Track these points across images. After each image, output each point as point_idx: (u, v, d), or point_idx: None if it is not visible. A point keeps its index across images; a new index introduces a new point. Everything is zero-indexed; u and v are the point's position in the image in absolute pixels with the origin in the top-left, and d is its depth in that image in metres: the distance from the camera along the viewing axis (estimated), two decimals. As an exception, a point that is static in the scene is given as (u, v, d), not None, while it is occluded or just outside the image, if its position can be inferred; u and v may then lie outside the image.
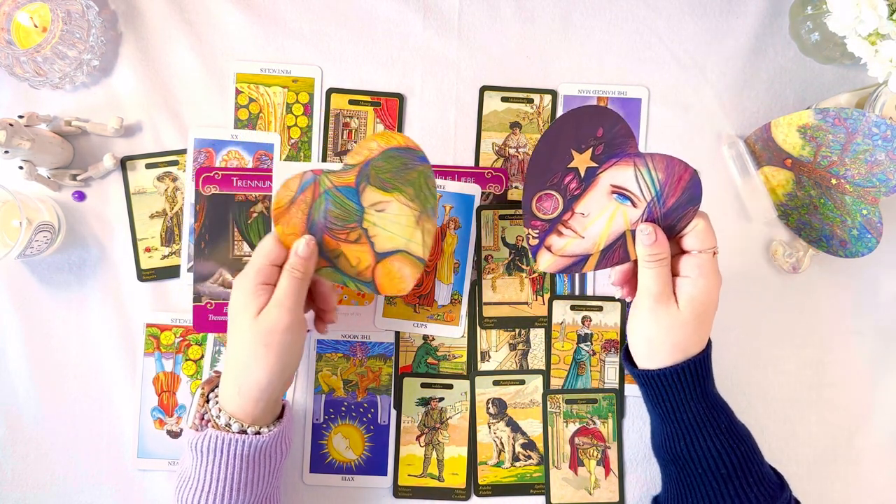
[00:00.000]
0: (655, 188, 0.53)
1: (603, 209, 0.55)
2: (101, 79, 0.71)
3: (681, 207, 0.54)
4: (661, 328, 0.53)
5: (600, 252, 0.56)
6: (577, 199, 0.55)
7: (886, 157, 0.60)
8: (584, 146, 0.53)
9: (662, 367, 0.54)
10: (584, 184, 0.54)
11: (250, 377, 0.53)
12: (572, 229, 0.56)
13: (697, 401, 0.54)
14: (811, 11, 0.68)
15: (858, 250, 0.67)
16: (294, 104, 0.71)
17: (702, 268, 0.53)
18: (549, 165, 0.54)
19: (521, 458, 0.69)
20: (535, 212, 0.56)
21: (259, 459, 0.55)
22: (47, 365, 0.69)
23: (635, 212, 0.54)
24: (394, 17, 0.72)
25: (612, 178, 0.54)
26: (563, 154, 0.54)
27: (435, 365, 0.70)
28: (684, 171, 0.53)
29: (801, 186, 0.68)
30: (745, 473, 0.54)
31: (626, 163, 0.54)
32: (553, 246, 0.56)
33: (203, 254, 0.69)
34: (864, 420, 0.70)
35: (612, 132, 0.53)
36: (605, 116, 0.53)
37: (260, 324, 0.53)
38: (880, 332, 0.71)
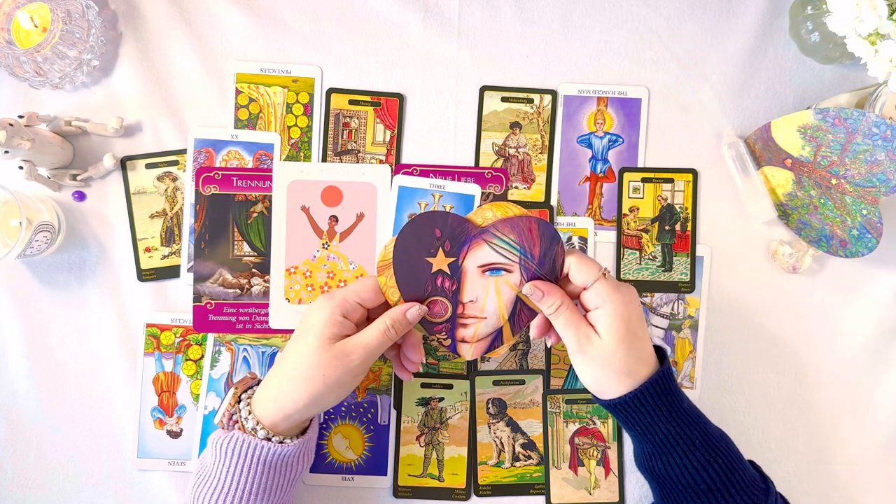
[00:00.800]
0: (516, 249, 0.56)
1: (486, 288, 0.57)
2: (101, 79, 0.71)
3: (549, 251, 0.55)
4: (596, 365, 0.54)
5: (507, 321, 0.58)
6: (459, 292, 0.57)
7: (886, 157, 0.60)
8: (433, 250, 0.56)
9: (619, 395, 0.54)
10: (455, 278, 0.57)
11: (293, 395, 0.53)
12: (472, 316, 0.58)
13: (667, 420, 0.54)
14: (811, 11, 0.68)
15: (858, 250, 0.67)
16: (294, 104, 0.71)
17: (601, 294, 0.54)
18: (418, 281, 0.57)
19: (521, 458, 0.69)
20: (431, 319, 0.58)
21: (280, 468, 0.55)
22: (47, 365, 0.69)
23: (513, 275, 0.56)
24: (394, 17, 0.72)
25: (475, 260, 0.56)
26: (421, 266, 0.56)
27: (435, 365, 0.70)
28: (529, 223, 0.55)
29: (801, 186, 0.68)
30: (727, 483, 0.54)
31: (478, 243, 0.56)
32: (466, 337, 0.58)
33: (203, 254, 0.69)
34: (864, 420, 0.70)
35: (447, 227, 0.56)
36: (433, 218, 0.56)
37: (330, 355, 0.53)
38: (880, 332, 0.71)
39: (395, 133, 0.71)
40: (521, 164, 0.71)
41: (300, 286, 0.69)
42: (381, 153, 0.71)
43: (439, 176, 0.71)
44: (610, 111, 0.72)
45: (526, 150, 0.71)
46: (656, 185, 0.71)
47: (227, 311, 0.69)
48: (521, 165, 0.71)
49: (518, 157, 0.71)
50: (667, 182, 0.71)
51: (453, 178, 0.71)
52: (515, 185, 0.71)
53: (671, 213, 0.71)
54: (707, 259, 0.71)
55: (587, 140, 0.72)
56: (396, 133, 0.71)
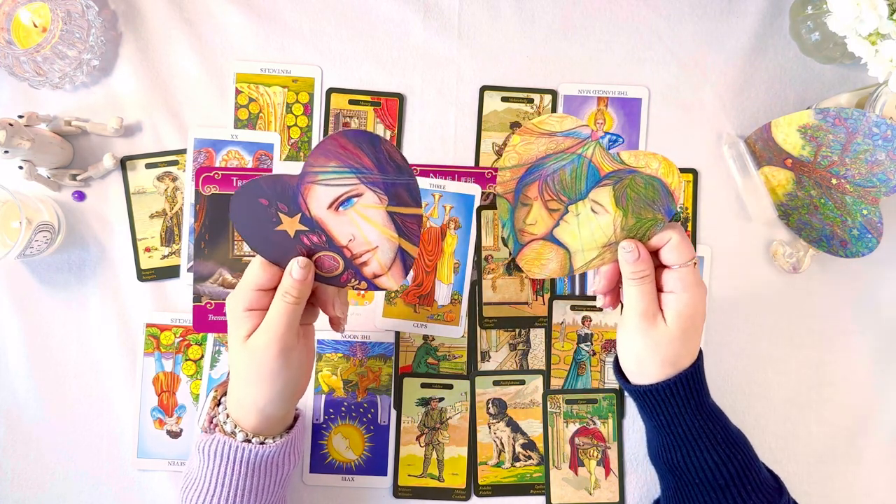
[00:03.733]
0: (346, 171, 0.51)
1: (353, 221, 0.52)
2: (101, 79, 0.71)
3: (379, 155, 0.51)
4: (649, 345, 0.53)
5: (399, 238, 0.53)
6: (332, 239, 0.52)
7: (887, 157, 0.60)
8: (275, 219, 0.52)
9: (654, 382, 0.54)
10: (317, 230, 0.52)
11: (249, 396, 0.53)
12: (363, 252, 0.53)
13: (692, 413, 0.54)
14: (811, 11, 0.68)
15: (859, 250, 0.67)
16: (294, 104, 0.71)
17: (684, 281, 0.52)
18: (286, 252, 0.52)
19: (522, 458, 0.69)
20: (329, 275, 0.54)
21: (264, 468, 0.54)
22: (47, 365, 0.69)
23: (366, 196, 0.52)
24: (394, 17, 0.72)
25: (319, 204, 0.52)
26: (279, 238, 0.52)
27: (435, 365, 0.70)
28: (335, 141, 0.50)
29: (801, 186, 0.68)
30: (743, 481, 0.54)
31: (307, 189, 0.51)
32: (375, 271, 0.54)
33: (203, 254, 0.69)
34: (865, 420, 0.70)
35: (267, 192, 0.51)
36: (248, 192, 0.51)
37: (249, 349, 0.51)
38: (880, 332, 0.71)
39: (395, 133, 0.71)
40: (521, 164, 0.71)
41: (300, 286, 0.69)
42: (381, 153, 0.71)
43: (439, 176, 0.71)
44: (610, 111, 0.72)
45: (526, 150, 0.71)
46: (656, 185, 0.71)
47: (227, 311, 0.69)
48: (522, 165, 0.71)
49: (518, 157, 0.71)
50: (667, 182, 0.71)
51: (453, 178, 0.71)
52: (515, 185, 0.71)
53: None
54: (707, 259, 0.71)
55: (587, 140, 0.72)
56: (396, 133, 0.71)
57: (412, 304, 0.70)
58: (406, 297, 0.70)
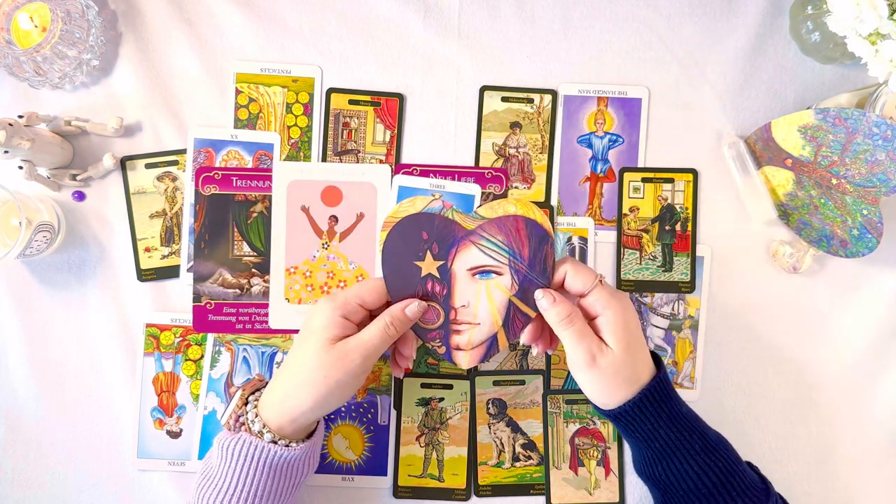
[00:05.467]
0: (505, 250, 0.54)
1: (477, 292, 0.55)
2: (101, 79, 0.71)
3: (539, 252, 0.54)
4: (606, 375, 0.53)
5: (502, 327, 0.56)
6: (450, 296, 0.56)
7: (887, 157, 0.60)
8: (422, 253, 0.55)
9: (621, 403, 0.54)
10: (445, 282, 0.55)
11: (297, 398, 0.53)
12: (465, 322, 0.56)
13: (667, 425, 0.54)
14: (811, 11, 0.68)
15: (859, 250, 0.67)
16: (294, 104, 0.71)
17: (601, 301, 0.53)
18: (407, 285, 0.55)
19: (522, 458, 0.69)
20: (425, 326, 0.57)
21: (285, 471, 0.55)
22: (47, 365, 0.69)
23: (504, 278, 0.55)
24: (394, 17, 0.72)
25: (464, 263, 0.55)
26: (410, 271, 0.55)
27: (435, 365, 0.70)
28: (516, 222, 0.54)
29: (801, 186, 0.68)
30: (728, 487, 0.54)
31: (466, 245, 0.55)
32: (460, 344, 0.57)
33: (203, 254, 0.69)
34: (864, 420, 0.70)
35: (433, 229, 0.55)
36: (419, 220, 0.55)
37: (331, 356, 0.53)
38: (880, 332, 0.71)
39: (395, 133, 0.71)
40: (521, 164, 0.71)
41: (300, 286, 0.69)
42: (381, 153, 0.71)
43: (439, 176, 0.71)
44: (610, 111, 0.72)
45: (526, 150, 0.71)
46: (656, 185, 0.71)
47: (227, 311, 0.69)
48: (522, 165, 0.71)
49: (518, 157, 0.71)
50: (667, 182, 0.71)
51: (453, 178, 0.71)
52: (515, 185, 0.71)
53: (671, 213, 0.71)
54: (707, 259, 0.71)
55: (587, 140, 0.72)
56: (396, 133, 0.71)
57: (412, 304, 0.70)
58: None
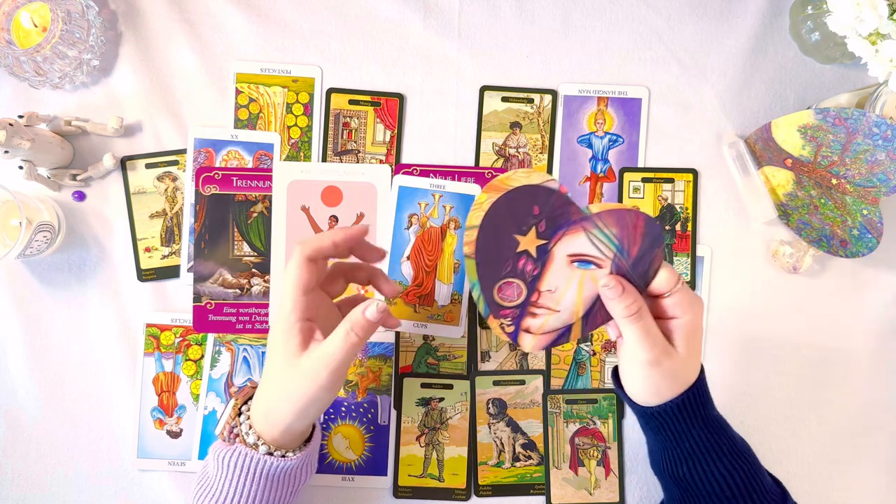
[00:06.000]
0: (614, 244, 0.51)
1: (569, 280, 0.52)
2: (101, 79, 0.71)
3: (647, 253, 0.50)
4: (666, 376, 0.51)
5: (581, 319, 0.53)
6: (539, 278, 0.52)
7: (887, 157, 0.60)
8: (526, 228, 0.51)
9: (664, 402, 0.52)
10: (539, 263, 0.51)
11: (279, 411, 0.52)
12: (545, 307, 0.52)
13: (699, 427, 0.53)
14: (811, 11, 0.68)
15: (859, 250, 0.67)
16: (294, 104, 0.71)
17: (682, 305, 0.51)
18: (498, 256, 0.51)
19: (522, 458, 0.69)
20: (501, 302, 0.52)
21: (283, 480, 0.54)
22: (47, 365, 0.69)
23: (602, 272, 0.51)
24: (394, 17, 0.72)
25: (566, 248, 0.51)
26: (507, 242, 0.51)
27: (435, 365, 0.70)
28: (636, 218, 0.50)
29: (801, 186, 0.68)
30: (749, 491, 0.53)
31: (575, 230, 0.51)
32: (531, 327, 0.53)
33: (203, 254, 0.69)
34: (865, 420, 0.70)
35: (548, 206, 0.50)
36: (535, 193, 0.50)
37: (298, 372, 0.51)
38: (880, 332, 0.71)
39: (395, 133, 0.71)
40: (521, 164, 0.71)
41: (300, 286, 0.69)
42: (381, 153, 0.71)
43: (439, 176, 0.71)
44: (610, 111, 0.72)
45: (526, 150, 0.71)
46: (656, 185, 0.71)
47: (227, 311, 0.69)
48: (522, 165, 0.71)
49: (518, 157, 0.71)
50: (667, 182, 0.71)
51: (453, 178, 0.71)
52: (515, 185, 0.71)
53: (671, 213, 0.71)
54: (707, 259, 0.71)
55: (587, 140, 0.72)
56: (396, 133, 0.71)
57: (412, 304, 0.70)
58: (406, 297, 0.70)
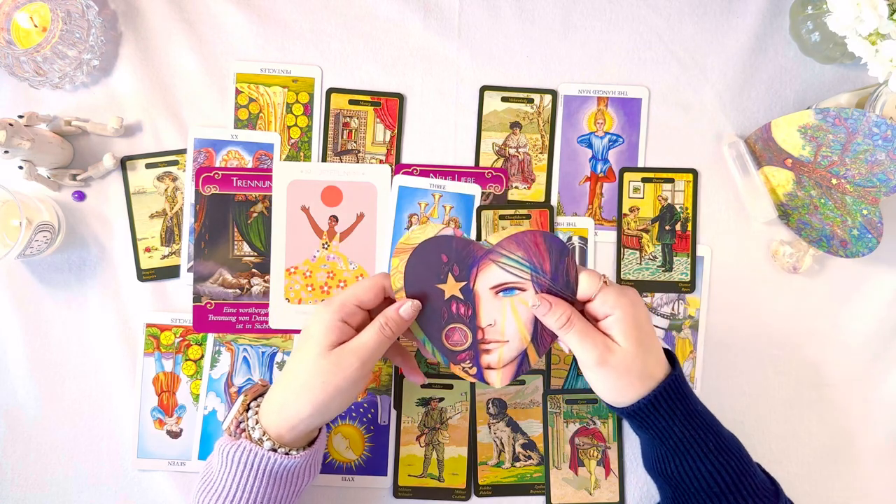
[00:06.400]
0: (525, 265, 0.54)
1: (502, 309, 0.55)
2: (101, 79, 0.71)
3: (560, 264, 0.53)
4: (618, 373, 0.53)
5: (531, 342, 0.56)
6: (475, 316, 0.55)
7: (887, 157, 0.60)
8: (443, 276, 0.55)
9: (636, 400, 0.54)
10: (469, 303, 0.55)
11: (296, 405, 0.53)
12: (493, 341, 0.56)
13: (682, 423, 0.54)
14: (811, 11, 0.68)
15: (859, 250, 0.67)
16: (294, 104, 0.71)
17: (609, 302, 0.53)
18: (433, 309, 0.55)
19: (522, 458, 0.69)
20: (452, 348, 0.56)
21: (286, 478, 0.54)
22: (47, 365, 0.69)
23: (528, 293, 0.54)
24: (394, 17, 0.72)
25: (486, 282, 0.54)
26: (434, 293, 0.55)
27: (435, 365, 0.70)
28: (534, 237, 0.53)
29: (801, 186, 0.68)
30: (739, 488, 0.54)
31: (486, 264, 0.54)
32: (491, 363, 0.56)
33: (203, 254, 0.69)
34: (864, 420, 0.70)
35: (453, 251, 0.54)
36: (439, 244, 0.54)
37: (329, 362, 0.52)
38: (880, 332, 0.71)
39: (395, 133, 0.71)
40: (521, 164, 0.71)
41: (300, 286, 0.69)
42: (381, 153, 0.71)
43: (439, 176, 0.71)
44: (610, 111, 0.72)
45: (526, 150, 0.71)
46: (657, 185, 0.71)
47: (227, 311, 0.69)
48: (522, 165, 0.71)
49: (518, 157, 0.71)
50: (667, 182, 0.71)
51: (453, 178, 0.71)
52: (515, 185, 0.71)
53: (671, 213, 0.71)
54: (707, 259, 0.71)
55: (587, 140, 0.72)
56: (396, 133, 0.71)
57: (412, 304, 0.70)
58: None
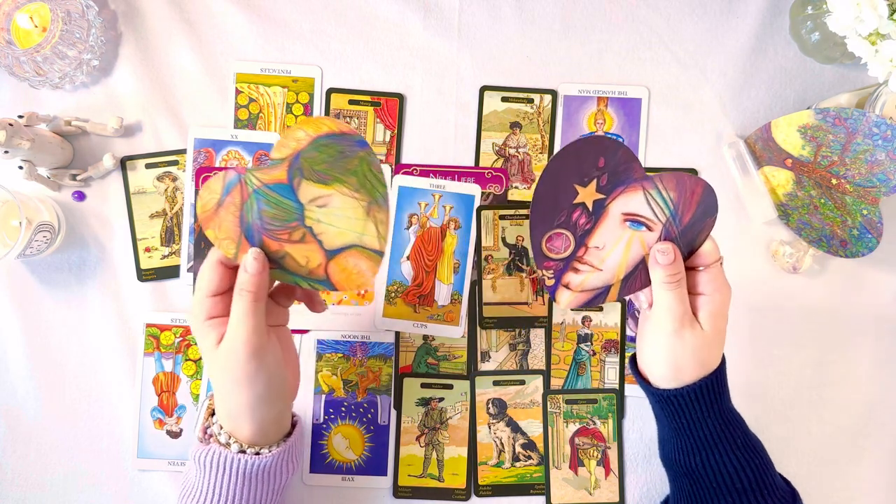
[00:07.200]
0: (669, 208, 0.50)
1: (618, 239, 0.52)
2: (101, 79, 0.71)
3: (698, 222, 0.51)
4: (687, 350, 0.51)
5: (621, 281, 0.52)
6: (589, 233, 0.52)
7: (887, 157, 0.60)
8: (587, 179, 0.51)
9: (683, 385, 0.52)
10: (593, 217, 0.51)
11: (232, 405, 0.51)
12: (588, 264, 0.52)
13: (715, 416, 0.53)
14: (811, 11, 0.68)
15: (859, 250, 0.67)
16: (294, 104, 0.71)
17: (715, 282, 0.51)
18: (554, 204, 0.51)
19: (522, 458, 0.69)
20: (547, 253, 0.52)
21: (261, 478, 0.54)
22: (47, 365, 0.69)
23: (652, 235, 0.51)
24: (394, 17, 0.72)
25: (622, 206, 0.51)
26: (566, 191, 0.51)
27: (435, 365, 0.70)
28: (696, 185, 0.50)
29: (801, 186, 0.68)
30: (761, 486, 0.53)
31: (635, 188, 0.51)
32: (571, 283, 0.53)
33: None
34: (865, 420, 0.70)
35: (614, 160, 0.50)
36: (604, 145, 0.50)
37: (220, 356, 0.49)
38: (880, 332, 0.71)
39: (395, 133, 0.71)
40: (521, 164, 0.71)
41: (300, 286, 0.69)
42: (381, 153, 0.71)
43: (439, 176, 0.71)
44: (610, 111, 0.72)
45: (526, 150, 0.71)
46: (656, 185, 0.71)
47: (227, 311, 0.69)
48: (522, 165, 0.71)
49: (518, 157, 0.71)
50: (667, 182, 0.71)
51: (453, 178, 0.71)
52: (515, 185, 0.71)
53: (671, 213, 0.71)
54: (707, 259, 0.71)
55: (587, 140, 0.72)
56: (396, 133, 0.71)
57: (412, 304, 0.70)
58: (406, 297, 0.70)
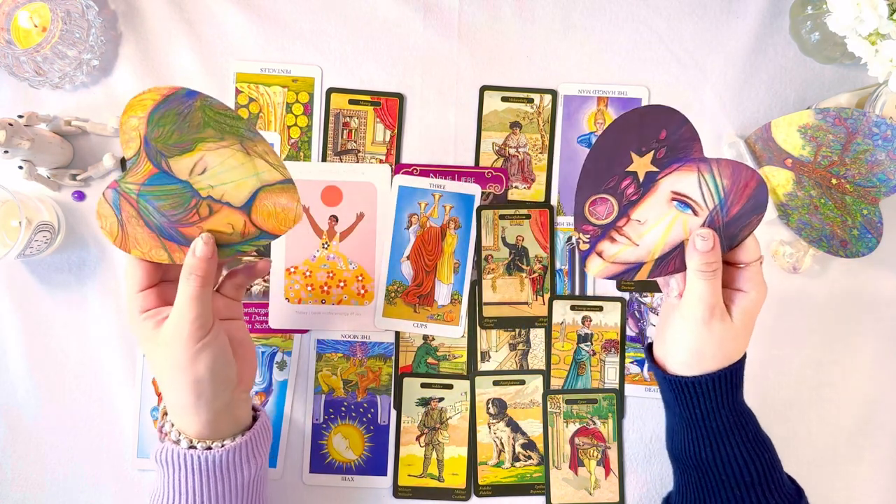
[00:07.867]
0: (719, 196, 0.49)
1: (661, 217, 0.51)
2: (101, 79, 0.71)
3: (744, 216, 0.49)
4: (714, 340, 0.51)
5: (655, 261, 0.51)
6: (634, 205, 0.51)
7: (887, 157, 0.60)
8: (645, 149, 0.50)
9: (707, 372, 0.52)
10: (642, 189, 0.50)
11: (175, 396, 0.50)
12: (626, 236, 0.51)
13: (728, 408, 0.53)
14: (811, 11, 0.68)
15: (859, 250, 0.67)
16: (294, 104, 0.71)
17: (754, 280, 0.51)
18: (608, 167, 0.50)
19: (521, 458, 0.69)
20: (588, 216, 0.52)
21: (219, 473, 0.52)
22: (47, 365, 0.69)
23: (696, 220, 0.50)
24: (394, 17, 0.72)
25: (674, 184, 0.50)
26: (621, 156, 0.50)
27: (435, 365, 0.70)
28: (751, 178, 0.49)
29: (801, 186, 0.68)
30: (768, 481, 0.53)
31: (690, 168, 0.50)
32: (605, 252, 0.52)
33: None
34: (865, 420, 0.70)
35: (676, 134, 0.49)
36: (670, 117, 0.49)
37: (162, 340, 0.48)
38: (880, 332, 0.71)
39: (395, 133, 0.71)
40: (521, 163, 0.71)
41: (300, 286, 0.69)
42: (381, 153, 0.71)
43: (439, 176, 0.71)
44: (610, 111, 0.72)
45: (526, 150, 0.71)
46: (656, 185, 0.71)
47: (227, 311, 0.69)
48: (522, 165, 0.71)
49: (518, 156, 0.71)
50: (667, 182, 0.71)
51: (453, 178, 0.71)
52: (515, 184, 0.71)
53: (671, 213, 0.71)
54: (707, 259, 0.71)
55: (587, 140, 0.72)
56: (396, 133, 0.71)
57: (412, 304, 0.70)
58: (406, 297, 0.70)
